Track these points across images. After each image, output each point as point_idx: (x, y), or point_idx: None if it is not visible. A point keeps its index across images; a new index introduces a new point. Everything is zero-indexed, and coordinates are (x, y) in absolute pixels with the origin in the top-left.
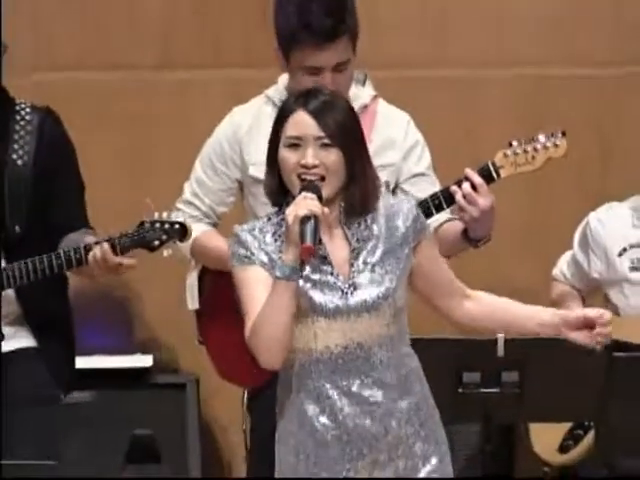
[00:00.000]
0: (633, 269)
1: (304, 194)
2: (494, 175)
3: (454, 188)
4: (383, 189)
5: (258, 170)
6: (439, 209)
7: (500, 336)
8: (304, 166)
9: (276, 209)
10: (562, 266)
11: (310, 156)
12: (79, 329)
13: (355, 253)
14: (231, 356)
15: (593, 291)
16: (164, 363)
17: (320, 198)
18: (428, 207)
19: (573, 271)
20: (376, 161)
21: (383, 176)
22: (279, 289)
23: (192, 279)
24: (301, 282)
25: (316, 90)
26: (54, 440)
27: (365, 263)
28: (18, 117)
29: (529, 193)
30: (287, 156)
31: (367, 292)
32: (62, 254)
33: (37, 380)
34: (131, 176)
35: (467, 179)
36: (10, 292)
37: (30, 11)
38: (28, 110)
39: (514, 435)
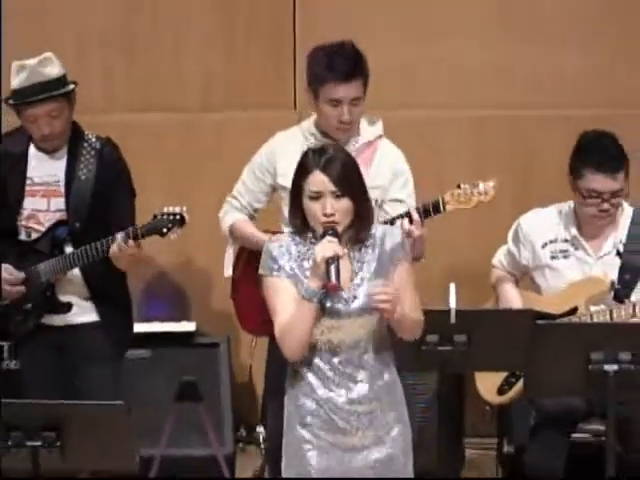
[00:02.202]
0: (552, 258)
1: (329, 238)
2: (441, 209)
3: (398, 221)
4: (375, 213)
5: (284, 180)
6: None
7: (452, 308)
8: (325, 215)
9: (298, 233)
10: (500, 256)
11: (329, 207)
12: (140, 302)
13: (356, 272)
14: (250, 311)
15: (522, 275)
16: (203, 328)
17: (339, 239)
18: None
19: (508, 260)
20: (371, 183)
21: (375, 194)
22: (304, 306)
23: (229, 254)
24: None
25: (324, 149)
26: (120, 387)
27: (362, 279)
28: (85, 144)
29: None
30: (312, 207)
31: (363, 300)
32: (96, 245)
33: (100, 345)
34: (175, 191)
35: (407, 215)
36: (78, 275)
37: (99, 61)
38: (93, 139)
39: (463, 382)
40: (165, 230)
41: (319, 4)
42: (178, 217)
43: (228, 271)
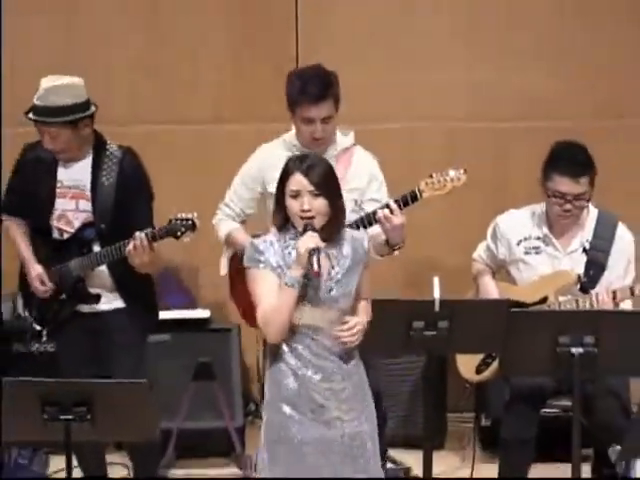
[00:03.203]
0: (526, 253)
1: (310, 232)
2: (418, 196)
3: (379, 212)
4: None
5: (273, 187)
6: (371, 224)
7: (436, 298)
8: (303, 210)
9: (278, 230)
10: (479, 252)
11: (306, 204)
12: (162, 292)
13: (331, 266)
14: (248, 307)
15: (499, 268)
16: (217, 315)
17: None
18: (366, 221)
19: (487, 255)
20: (350, 185)
21: (354, 195)
22: (286, 293)
23: (224, 258)
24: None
25: (306, 156)
26: (144, 367)
27: (337, 273)
28: (108, 153)
29: (455, 207)
30: (292, 204)
31: (337, 292)
32: (118, 245)
33: (126, 330)
34: (190, 196)
35: (387, 206)
36: (105, 270)
37: (124, 79)
38: (115, 148)
39: (446, 362)
40: (179, 234)
41: (319, 26)
42: (190, 222)
43: (224, 270)
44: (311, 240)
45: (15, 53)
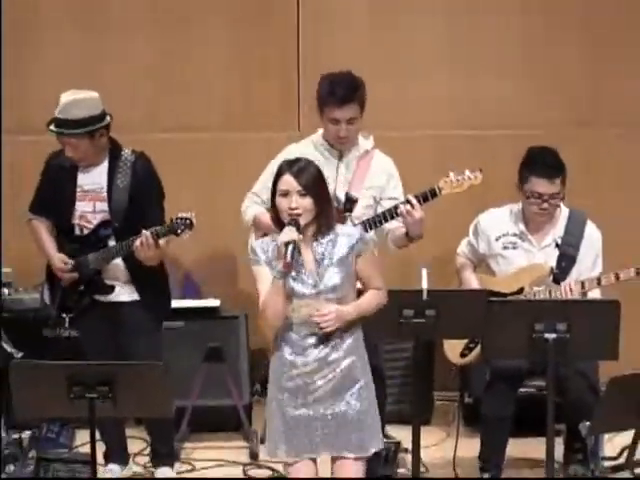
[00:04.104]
0: (504, 248)
1: (288, 227)
2: (437, 193)
3: (401, 207)
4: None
5: None
6: (393, 218)
7: (424, 288)
8: (290, 208)
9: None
10: (462, 247)
11: (294, 202)
12: (176, 283)
13: (321, 260)
14: None
15: (480, 262)
16: (226, 303)
17: (298, 229)
18: (387, 215)
19: (469, 249)
20: (370, 183)
21: (373, 192)
22: (274, 284)
23: (252, 239)
24: (290, 281)
25: (297, 160)
26: (160, 352)
27: (327, 266)
28: (123, 158)
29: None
30: (281, 202)
31: (326, 284)
32: (129, 241)
33: (142, 319)
34: (202, 197)
35: (408, 201)
36: (120, 263)
37: (142, 90)
38: (129, 153)
39: (433, 347)
40: (179, 231)
41: (319, 43)
42: (188, 221)
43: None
44: (287, 234)
45: (40, 67)
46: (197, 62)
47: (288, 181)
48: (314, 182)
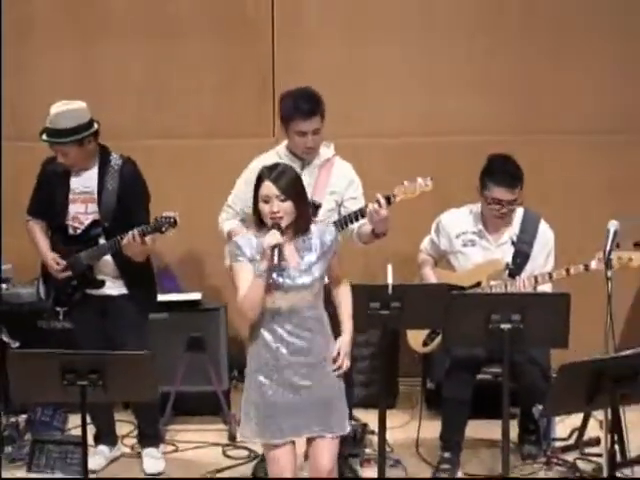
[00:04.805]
0: (463, 245)
1: (272, 231)
2: (392, 199)
3: (369, 206)
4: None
5: None
6: (359, 218)
7: (390, 283)
8: (272, 212)
9: (257, 229)
10: (425, 244)
11: (275, 207)
12: (161, 278)
13: (301, 257)
14: None
15: (441, 258)
16: (207, 297)
17: (281, 231)
18: (355, 216)
19: (431, 246)
20: (332, 188)
21: (335, 197)
22: (257, 281)
23: (228, 250)
24: (274, 274)
25: (275, 166)
26: (146, 341)
27: (306, 263)
28: (111, 162)
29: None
30: (264, 207)
31: (306, 279)
32: (117, 239)
33: (130, 311)
34: (187, 199)
35: (377, 201)
36: (110, 260)
37: (133, 100)
38: (117, 158)
39: (398, 337)
40: (164, 229)
41: (291, 60)
42: (172, 220)
43: (227, 262)
44: (272, 238)
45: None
46: (182, 75)
47: (268, 187)
48: (292, 186)
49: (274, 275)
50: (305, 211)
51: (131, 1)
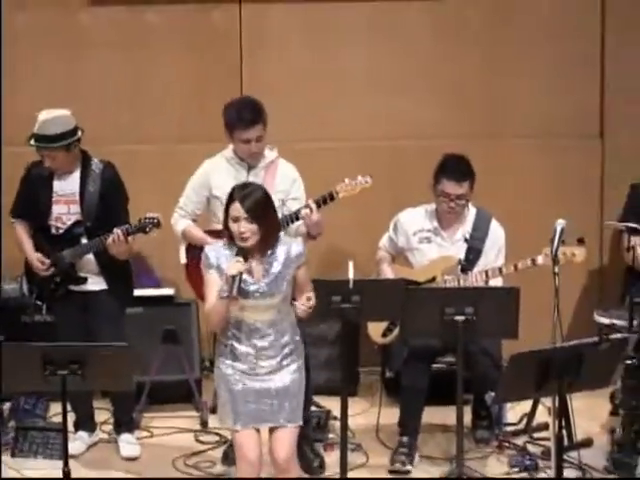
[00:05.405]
0: (420, 242)
1: (236, 258)
2: (335, 196)
3: (302, 211)
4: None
5: (217, 191)
6: (293, 221)
7: (350, 278)
8: (239, 232)
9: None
10: (383, 241)
11: (242, 228)
12: (141, 275)
13: (266, 270)
14: (198, 285)
15: (398, 254)
16: (180, 292)
17: (245, 256)
18: (294, 217)
19: (389, 244)
20: (277, 188)
21: (280, 196)
22: (220, 301)
23: (182, 249)
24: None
25: (245, 186)
26: (123, 334)
27: (271, 275)
28: (93, 166)
29: (365, 207)
30: (232, 226)
31: (271, 288)
32: (101, 238)
33: (109, 306)
34: (161, 200)
35: (307, 206)
36: (91, 258)
37: (112, 107)
38: (97, 162)
39: (359, 328)
40: (147, 229)
41: (258, 67)
42: (156, 220)
43: (183, 259)
44: (235, 267)
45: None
46: (156, 84)
47: (236, 208)
48: (258, 207)
49: (242, 285)
50: (271, 232)
51: (110, 15)
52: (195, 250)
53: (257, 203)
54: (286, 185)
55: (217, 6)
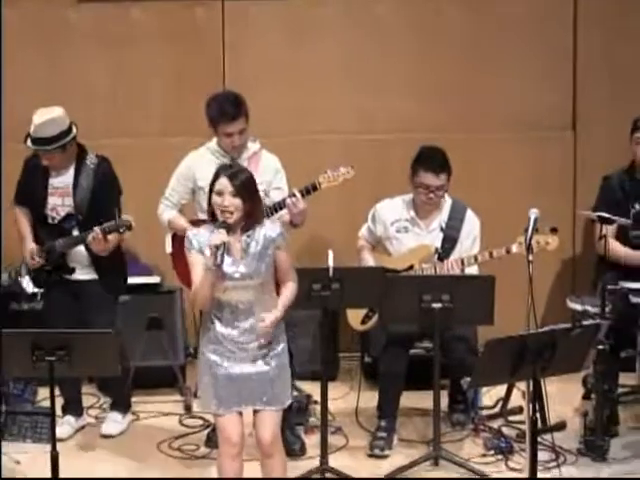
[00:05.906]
0: (397, 232)
1: (218, 230)
2: (318, 186)
3: (287, 200)
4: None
5: (202, 182)
6: (281, 208)
7: (330, 266)
8: (223, 206)
9: (211, 220)
10: (363, 231)
11: (226, 201)
12: (131, 264)
13: (244, 250)
14: (183, 273)
15: (377, 244)
16: (165, 280)
17: (228, 229)
18: (277, 207)
19: (368, 233)
20: (260, 179)
21: (263, 186)
22: (206, 274)
23: (168, 238)
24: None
25: (232, 165)
26: (112, 323)
27: (251, 255)
28: (87, 161)
29: (346, 198)
30: (216, 200)
31: (250, 269)
32: (81, 235)
33: (100, 295)
34: (147, 192)
35: (293, 195)
36: (82, 249)
37: (101, 105)
38: (92, 157)
39: (338, 315)
40: (121, 230)
41: (239, 61)
42: (129, 224)
43: (169, 248)
44: (217, 237)
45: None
46: (140, 79)
47: (223, 183)
48: (245, 185)
49: (223, 267)
50: (254, 210)
51: (96, 11)
52: (180, 239)
53: (242, 179)
54: (269, 176)
55: (200, 3)
